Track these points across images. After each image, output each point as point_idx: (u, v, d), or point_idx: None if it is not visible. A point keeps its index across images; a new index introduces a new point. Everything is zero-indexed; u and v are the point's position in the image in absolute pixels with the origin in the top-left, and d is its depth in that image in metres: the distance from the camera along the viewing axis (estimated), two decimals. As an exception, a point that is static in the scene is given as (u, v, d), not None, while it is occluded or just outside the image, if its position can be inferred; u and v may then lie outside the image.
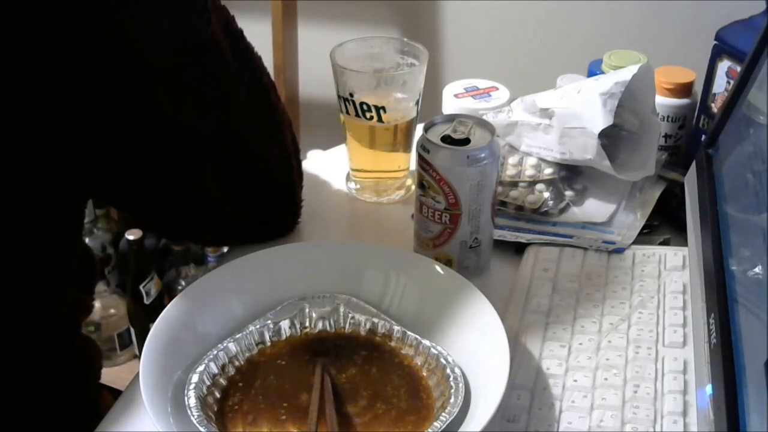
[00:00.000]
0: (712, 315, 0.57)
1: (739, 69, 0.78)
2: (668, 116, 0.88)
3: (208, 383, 0.61)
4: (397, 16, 1.68)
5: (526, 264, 0.77)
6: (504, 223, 0.82)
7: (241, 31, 0.71)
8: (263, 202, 0.77)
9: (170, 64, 0.64)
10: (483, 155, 0.70)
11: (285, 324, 0.67)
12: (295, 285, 0.69)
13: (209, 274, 0.70)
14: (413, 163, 0.79)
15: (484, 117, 0.78)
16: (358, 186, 0.90)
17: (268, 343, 0.66)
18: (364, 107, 0.82)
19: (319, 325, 0.68)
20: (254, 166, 0.74)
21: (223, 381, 0.62)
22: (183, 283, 1.71)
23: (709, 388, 0.54)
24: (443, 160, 0.71)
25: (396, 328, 0.66)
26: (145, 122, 0.65)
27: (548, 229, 0.82)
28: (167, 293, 1.68)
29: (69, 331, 0.79)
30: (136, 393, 0.57)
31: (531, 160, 0.87)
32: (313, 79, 1.63)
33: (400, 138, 0.86)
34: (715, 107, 0.84)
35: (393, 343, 0.66)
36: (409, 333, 0.65)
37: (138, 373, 0.59)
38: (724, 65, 0.82)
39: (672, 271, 0.74)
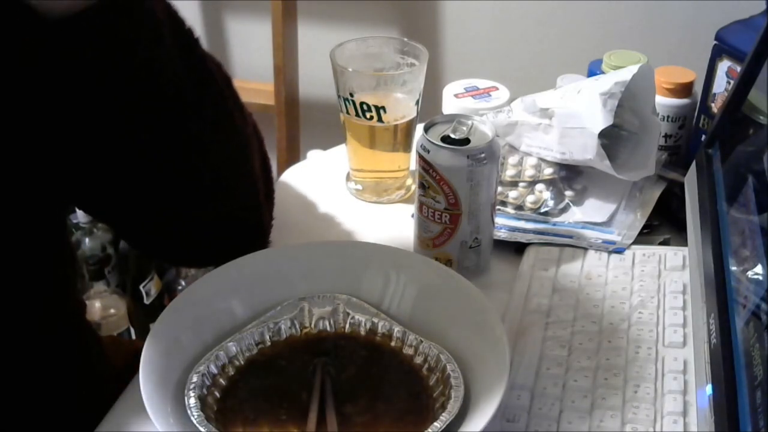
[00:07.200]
0: (712, 315, 0.57)
1: (739, 69, 0.78)
2: (668, 116, 0.88)
3: (208, 383, 0.61)
4: (397, 16, 1.68)
5: (526, 264, 0.77)
6: (504, 223, 0.82)
7: (203, 55, 0.66)
8: (220, 227, 0.71)
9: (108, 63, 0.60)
10: (483, 155, 0.70)
11: (285, 324, 0.67)
12: (295, 285, 0.69)
13: (209, 274, 0.69)
14: (413, 163, 0.80)
15: (484, 117, 0.78)
16: (358, 186, 0.90)
17: (268, 343, 0.66)
18: (364, 107, 0.82)
19: (319, 325, 0.68)
20: (210, 191, 0.68)
21: (223, 381, 0.62)
22: (183, 283, 1.71)
23: (709, 388, 0.54)
24: (443, 160, 0.71)
25: (396, 328, 0.66)
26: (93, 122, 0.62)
27: (548, 229, 0.82)
28: (167, 293, 1.68)
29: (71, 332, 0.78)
30: (136, 393, 0.57)
31: (531, 160, 0.87)
32: (313, 79, 1.63)
33: (400, 138, 0.86)
34: (715, 107, 0.85)
35: (393, 343, 0.66)
36: (409, 333, 0.65)
37: (138, 373, 0.59)
38: (724, 65, 0.82)
39: (672, 271, 0.74)
